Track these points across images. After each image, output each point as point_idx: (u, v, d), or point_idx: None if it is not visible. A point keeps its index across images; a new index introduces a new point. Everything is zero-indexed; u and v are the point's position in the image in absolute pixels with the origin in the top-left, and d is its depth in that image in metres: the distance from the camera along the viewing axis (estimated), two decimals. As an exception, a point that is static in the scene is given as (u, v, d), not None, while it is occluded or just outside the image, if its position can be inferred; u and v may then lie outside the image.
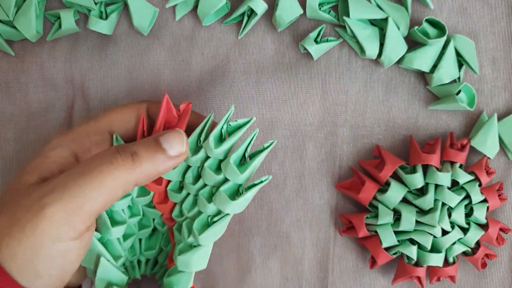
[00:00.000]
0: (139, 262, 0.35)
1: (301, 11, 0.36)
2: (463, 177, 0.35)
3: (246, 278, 0.37)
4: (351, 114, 0.37)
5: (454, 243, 0.35)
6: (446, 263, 0.35)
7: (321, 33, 0.37)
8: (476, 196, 0.35)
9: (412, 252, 0.35)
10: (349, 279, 0.38)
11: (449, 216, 0.35)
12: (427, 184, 0.35)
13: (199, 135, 0.29)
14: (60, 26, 0.35)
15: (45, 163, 0.28)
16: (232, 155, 0.28)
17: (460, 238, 0.35)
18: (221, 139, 0.29)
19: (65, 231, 0.24)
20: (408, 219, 0.34)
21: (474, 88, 0.37)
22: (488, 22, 0.37)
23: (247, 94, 0.37)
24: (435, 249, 0.35)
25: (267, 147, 0.28)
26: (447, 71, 0.36)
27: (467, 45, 0.36)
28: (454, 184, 0.35)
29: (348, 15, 0.35)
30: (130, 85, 0.37)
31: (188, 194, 0.31)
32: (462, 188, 0.35)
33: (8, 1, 0.34)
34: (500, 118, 0.37)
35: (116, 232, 0.30)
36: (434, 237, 0.35)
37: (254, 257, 0.37)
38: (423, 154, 0.35)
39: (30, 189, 0.26)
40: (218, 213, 0.29)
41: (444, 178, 0.34)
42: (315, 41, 0.36)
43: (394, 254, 0.35)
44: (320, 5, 0.36)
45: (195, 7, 0.36)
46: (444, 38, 0.35)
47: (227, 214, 0.28)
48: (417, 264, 0.35)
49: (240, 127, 0.29)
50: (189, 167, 0.30)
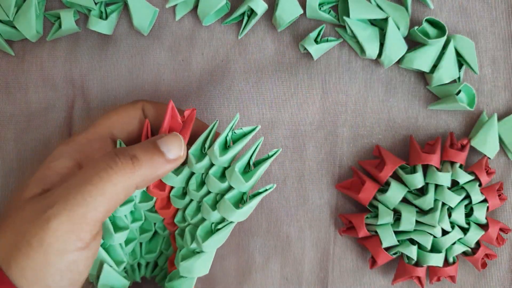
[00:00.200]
0: (139, 265, 0.35)
1: (301, 11, 0.36)
2: (463, 177, 0.35)
3: (246, 278, 0.37)
4: (351, 114, 0.37)
5: (454, 243, 0.35)
6: (446, 263, 0.35)
7: (321, 33, 0.37)
8: (476, 196, 0.35)
9: (412, 252, 0.35)
10: (349, 279, 0.38)
11: (449, 216, 0.35)
12: (427, 184, 0.35)
13: (204, 142, 0.29)
14: (60, 26, 0.35)
15: (48, 174, 0.27)
16: (237, 163, 0.28)
17: (460, 238, 0.35)
18: (225, 147, 0.28)
19: (71, 242, 0.24)
20: (408, 219, 0.34)
21: (474, 88, 0.37)
22: (488, 22, 0.37)
23: (247, 94, 0.37)
24: (435, 249, 0.35)
25: (272, 155, 0.28)
26: (447, 71, 0.36)
27: (467, 45, 0.36)
28: (454, 184, 0.35)
29: (348, 15, 0.35)
30: (130, 85, 0.37)
31: (191, 200, 0.31)
32: (462, 188, 0.35)
33: (8, 1, 0.34)
34: (500, 118, 0.37)
35: (119, 238, 0.30)
36: (434, 237, 0.35)
37: (254, 257, 0.37)
38: (423, 154, 0.35)
39: (33, 201, 0.25)
40: (222, 220, 0.29)
41: (444, 178, 0.34)
42: (315, 41, 0.36)
43: (394, 254, 0.35)
44: (320, 5, 0.36)
45: (195, 7, 0.36)
46: (444, 38, 0.35)
47: (231, 222, 0.28)
48: (417, 264, 0.35)
49: (245, 134, 0.29)
50: (193, 173, 0.30)
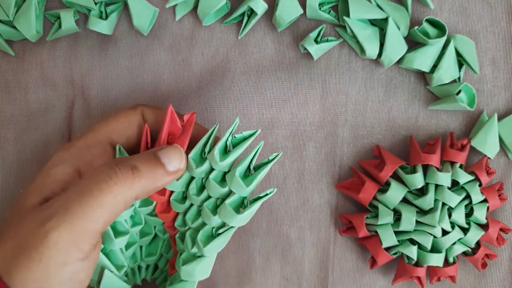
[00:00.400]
0: (139, 268, 0.35)
1: (301, 11, 0.36)
2: (463, 177, 0.35)
3: (246, 278, 0.37)
4: (351, 114, 0.37)
5: (454, 243, 0.35)
6: (446, 263, 0.35)
7: (321, 33, 0.37)
8: (476, 196, 0.35)
9: (412, 252, 0.35)
10: (349, 279, 0.38)
11: (449, 216, 0.35)
12: (427, 184, 0.35)
13: (204, 146, 0.29)
14: (60, 26, 0.35)
15: (47, 182, 0.27)
16: (238, 168, 0.28)
17: (460, 238, 0.35)
18: (225, 151, 0.28)
19: (72, 254, 0.24)
20: (408, 219, 0.34)
21: (474, 88, 0.37)
22: (488, 22, 0.37)
23: (247, 94, 0.37)
24: (435, 249, 0.35)
25: (272, 159, 0.28)
26: (447, 71, 0.36)
27: (467, 45, 0.36)
28: (454, 184, 0.35)
29: (348, 15, 0.35)
30: (130, 85, 0.37)
31: (192, 204, 0.31)
32: (462, 188, 0.35)
33: (8, 1, 0.34)
34: (500, 118, 0.37)
35: (119, 243, 0.30)
36: (434, 237, 0.35)
37: (254, 257, 0.37)
38: (423, 154, 0.35)
39: (33, 211, 0.25)
40: (223, 225, 0.29)
41: (444, 178, 0.34)
42: (315, 41, 0.36)
43: (394, 254, 0.35)
44: (320, 5, 0.36)
45: (195, 7, 0.36)
46: (444, 38, 0.35)
47: (232, 227, 0.28)
48: (417, 264, 0.35)
49: (245, 139, 0.29)
50: (193, 178, 0.30)
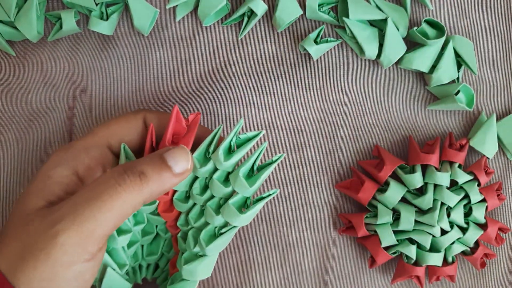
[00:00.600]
0: (140, 267, 0.35)
1: (301, 12, 0.36)
2: (462, 177, 0.35)
3: (246, 278, 0.38)
4: (350, 114, 0.38)
5: (453, 243, 0.35)
6: (445, 262, 0.36)
7: (321, 33, 0.37)
8: (475, 196, 0.35)
9: (412, 251, 0.35)
10: (349, 279, 0.38)
11: (448, 215, 0.35)
12: (426, 184, 0.35)
13: (208, 146, 0.29)
14: (61, 26, 0.35)
15: (48, 184, 0.27)
16: (241, 168, 0.28)
17: (459, 238, 0.35)
18: (229, 151, 0.29)
19: (78, 255, 0.24)
20: (407, 219, 0.34)
21: (473, 89, 0.37)
22: (487, 23, 0.37)
23: (247, 94, 0.37)
24: (434, 248, 0.35)
25: (276, 160, 0.28)
26: (446, 71, 0.36)
27: (466, 46, 0.36)
28: (453, 184, 0.35)
29: (347, 16, 0.35)
30: (131, 85, 0.37)
31: (194, 204, 0.31)
32: (461, 188, 0.35)
33: (9, 1, 0.34)
34: (499, 118, 0.37)
35: (122, 241, 0.30)
36: (433, 236, 0.35)
37: (254, 257, 0.38)
38: (422, 154, 0.35)
39: (39, 214, 0.26)
40: (226, 224, 0.29)
41: (443, 178, 0.34)
42: (315, 41, 0.36)
43: (394, 253, 0.36)
44: (320, 5, 0.36)
45: (196, 8, 0.37)
46: (443, 39, 0.35)
47: (235, 226, 0.28)
48: (417, 263, 0.35)
49: (249, 139, 0.29)
50: (196, 177, 0.30)
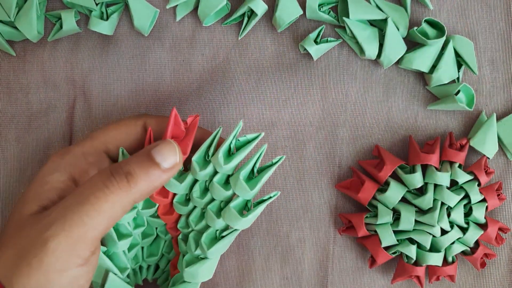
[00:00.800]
0: (140, 268, 0.35)
1: (301, 12, 0.36)
2: (462, 177, 0.35)
3: (247, 278, 0.38)
4: (350, 114, 0.38)
5: (453, 243, 0.35)
6: (446, 262, 0.36)
7: (321, 33, 0.37)
8: (475, 195, 0.35)
9: (412, 251, 0.35)
10: (349, 279, 0.38)
11: (448, 215, 0.35)
12: (426, 184, 0.35)
13: (207, 149, 0.29)
14: (61, 26, 0.35)
15: (44, 190, 0.27)
16: (241, 171, 0.28)
17: (459, 238, 0.35)
18: (229, 154, 0.28)
19: (71, 260, 0.24)
20: (408, 219, 0.34)
21: (473, 88, 0.37)
22: (487, 23, 0.37)
23: (247, 94, 0.37)
24: (434, 248, 0.35)
25: (276, 162, 0.28)
26: (446, 71, 0.36)
27: (466, 46, 0.36)
28: (453, 184, 0.35)
29: (347, 16, 0.35)
30: (130, 85, 0.37)
31: (195, 206, 0.31)
32: (461, 188, 0.35)
33: (9, 1, 0.34)
34: (499, 118, 0.37)
35: (123, 245, 0.30)
36: (434, 236, 0.35)
37: (254, 257, 0.38)
38: (422, 154, 0.35)
39: (31, 220, 0.25)
40: (227, 227, 0.29)
41: (443, 178, 0.34)
42: (315, 41, 0.36)
43: (394, 253, 0.36)
44: (320, 5, 0.36)
45: (196, 8, 0.37)
46: (443, 39, 0.35)
47: (236, 229, 0.28)
48: (417, 263, 0.35)
49: (248, 142, 0.29)
50: (196, 180, 0.30)
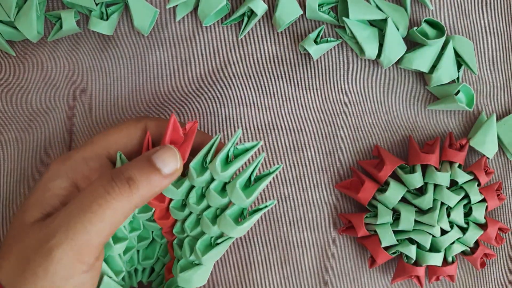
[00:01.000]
0: (136, 271, 0.35)
1: (301, 12, 0.36)
2: (462, 177, 0.35)
3: (246, 278, 0.38)
4: (350, 114, 0.38)
5: (453, 243, 0.35)
6: (445, 262, 0.36)
7: (321, 33, 0.37)
8: (475, 195, 0.35)
9: (412, 251, 0.35)
10: (349, 279, 0.38)
11: (448, 215, 0.35)
12: (426, 184, 0.35)
13: (205, 156, 0.29)
14: (61, 26, 0.35)
15: (46, 197, 0.27)
16: (238, 179, 0.28)
17: (459, 238, 0.35)
18: (227, 161, 0.28)
19: (76, 268, 0.24)
20: (407, 219, 0.34)
21: (473, 88, 0.37)
22: (487, 23, 0.37)
23: (247, 94, 0.37)
24: (434, 248, 0.35)
25: (273, 171, 0.28)
26: (446, 71, 0.36)
27: (466, 46, 0.36)
28: (453, 184, 0.35)
29: (347, 16, 0.35)
30: (131, 85, 0.37)
31: (191, 212, 0.31)
32: (461, 188, 0.35)
33: (9, 1, 0.34)
34: (499, 118, 0.37)
35: (118, 249, 0.30)
36: (433, 236, 0.35)
37: (254, 256, 0.38)
38: (422, 154, 0.35)
39: (35, 228, 0.26)
40: (222, 235, 0.29)
41: (443, 178, 0.34)
42: (315, 41, 0.36)
43: (394, 253, 0.36)
44: (320, 5, 0.36)
45: (196, 8, 0.37)
46: (443, 39, 0.35)
47: (231, 237, 0.29)
48: (417, 263, 0.35)
49: (246, 150, 0.29)
50: (193, 186, 0.30)
